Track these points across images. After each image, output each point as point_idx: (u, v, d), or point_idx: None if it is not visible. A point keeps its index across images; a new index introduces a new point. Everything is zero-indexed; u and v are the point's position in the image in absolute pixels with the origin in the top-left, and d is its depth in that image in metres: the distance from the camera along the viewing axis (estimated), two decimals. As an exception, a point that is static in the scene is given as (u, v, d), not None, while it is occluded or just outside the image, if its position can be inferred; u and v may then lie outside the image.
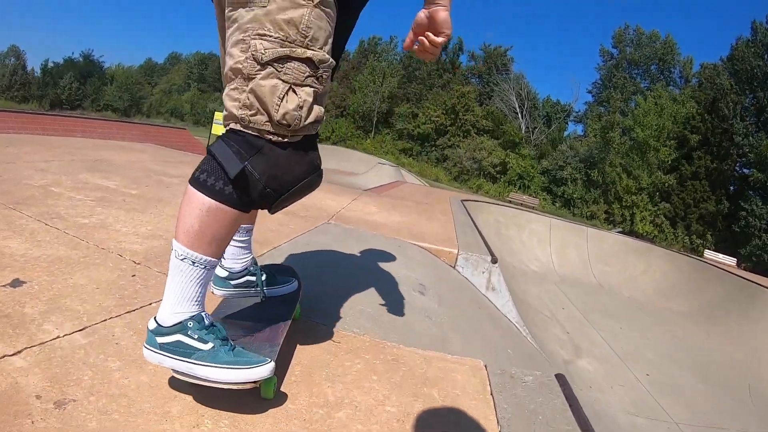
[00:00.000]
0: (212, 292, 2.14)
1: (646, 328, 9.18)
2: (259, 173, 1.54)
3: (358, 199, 7.60)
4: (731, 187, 43.76)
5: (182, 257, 1.55)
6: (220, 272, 2.16)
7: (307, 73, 1.53)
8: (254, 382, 1.61)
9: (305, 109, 1.54)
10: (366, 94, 63.19)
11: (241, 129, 1.54)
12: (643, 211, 43.25)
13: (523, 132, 59.56)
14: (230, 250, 2.15)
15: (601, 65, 63.02)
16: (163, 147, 10.14)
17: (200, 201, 1.53)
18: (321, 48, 1.55)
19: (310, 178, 1.66)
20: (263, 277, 2.21)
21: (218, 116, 25.79)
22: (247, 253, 2.20)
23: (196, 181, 1.55)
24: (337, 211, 5.68)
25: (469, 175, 53.30)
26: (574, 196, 47.86)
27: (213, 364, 1.57)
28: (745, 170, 43.98)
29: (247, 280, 2.19)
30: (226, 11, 1.56)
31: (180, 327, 1.58)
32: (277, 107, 1.49)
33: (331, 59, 1.59)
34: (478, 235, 6.05)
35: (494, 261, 4.50)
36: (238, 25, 1.51)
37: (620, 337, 8.19)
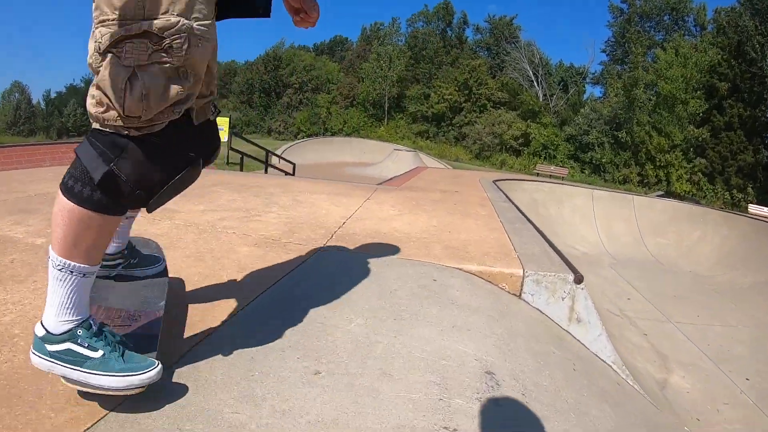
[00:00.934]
0: None
1: (722, 312, 8.09)
2: (125, 175, 1.45)
3: (371, 198, 6.45)
4: (769, 134, 41.76)
5: (59, 267, 1.50)
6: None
7: (151, 50, 1.36)
8: (144, 387, 1.56)
9: (153, 94, 1.37)
10: (374, 81, 62.28)
11: (99, 128, 1.45)
12: (678, 170, 41.45)
13: (541, 100, 58.07)
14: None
15: (612, 22, 61.43)
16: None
17: (70, 209, 1.46)
18: (165, 12, 1.36)
19: (181, 174, 1.56)
20: (134, 260, 2.20)
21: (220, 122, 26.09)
22: (122, 238, 2.13)
23: (64, 187, 1.48)
24: (341, 223, 4.56)
25: (490, 151, 51.82)
26: (603, 161, 45.94)
27: (105, 373, 1.54)
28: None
29: (117, 263, 2.15)
30: None
31: (69, 335, 1.54)
32: (121, 99, 1.36)
33: (182, 20, 1.37)
34: (541, 238, 4.72)
35: (579, 280, 3.35)
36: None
37: (701, 329, 7.07)
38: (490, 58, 64.90)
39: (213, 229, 4.00)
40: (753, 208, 29.73)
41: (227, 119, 29.37)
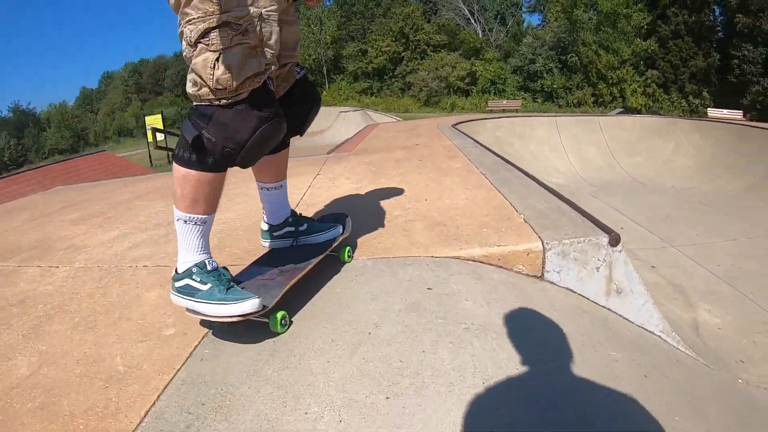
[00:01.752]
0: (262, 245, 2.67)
1: (718, 225, 7.58)
2: (214, 137, 1.85)
3: (322, 172, 5.50)
4: (718, 36, 41.75)
5: (177, 218, 2.00)
6: (263, 226, 2.63)
7: (231, 34, 1.76)
8: (241, 315, 1.92)
9: (235, 69, 1.76)
10: (308, 46, 60.60)
11: (196, 104, 1.88)
12: (632, 84, 41.39)
13: (481, 36, 57.16)
14: (267, 207, 2.58)
15: None
16: (66, 187, 7.96)
17: (177, 171, 1.94)
18: (238, 6, 1.76)
19: (261, 129, 1.88)
20: (303, 227, 2.59)
21: (149, 120, 28.18)
22: (283, 208, 2.60)
23: (175, 156, 1.97)
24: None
25: (439, 96, 50.91)
26: (554, 86, 45.50)
27: (208, 301, 1.96)
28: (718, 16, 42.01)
29: (287, 231, 2.60)
30: None
31: (187, 273, 2.02)
32: (211, 76, 1.76)
33: (252, 9, 1.79)
34: (542, 189, 3.86)
35: (615, 241, 2.58)
36: (178, 21, 1.82)
37: (705, 248, 6.52)
38: (422, 2, 63.48)
39: (119, 267, 3.11)
40: (712, 112, 29.85)
41: (159, 116, 28.18)
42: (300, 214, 2.66)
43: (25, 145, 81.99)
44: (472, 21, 59.57)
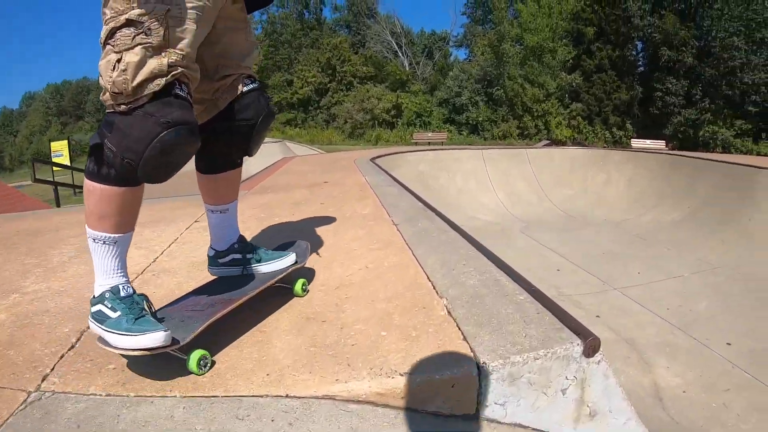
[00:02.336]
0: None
1: (661, 260, 7.19)
2: (115, 146, 1.62)
3: (201, 219, 4.13)
4: (641, 69, 43.06)
5: (88, 236, 1.78)
6: (210, 252, 2.37)
7: (134, 34, 1.59)
8: (144, 349, 1.65)
9: (130, 70, 1.58)
10: None
11: (106, 113, 1.69)
12: (556, 117, 41.92)
13: (408, 69, 57.38)
14: (213, 231, 2.35)
15: None
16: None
17: (85, 184, 1.75)
18: (146, 2, 1.58)
19: (160, 138, 1.62)
20: (251, 255, 2.33)
21: (55, 146, 26.01)
22: (229, 233, 2.35)
23: (85, 169, 1.77)
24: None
25: (363, 128, 50.24)
26: (480, 119, 45.60)
27: (114, 331, 1.69)
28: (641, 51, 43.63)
29: (233, 258, 2.33)
30: None
31: (100, 298, 1.78)
32: (110, 78, 1.59)
33: (156, 6, 1.60)
34: (474, 249, 2.91)
35: (592, 349, 1.64)
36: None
37: (649, 288, 6.01)
38: (351, 35, 63.76)
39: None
40: (636, 142, 30.53)
41: (65, 142, 26.45)
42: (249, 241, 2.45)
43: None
44: (400, 54, 60.04)
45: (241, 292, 2.10)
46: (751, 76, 34.94)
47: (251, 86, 2.10)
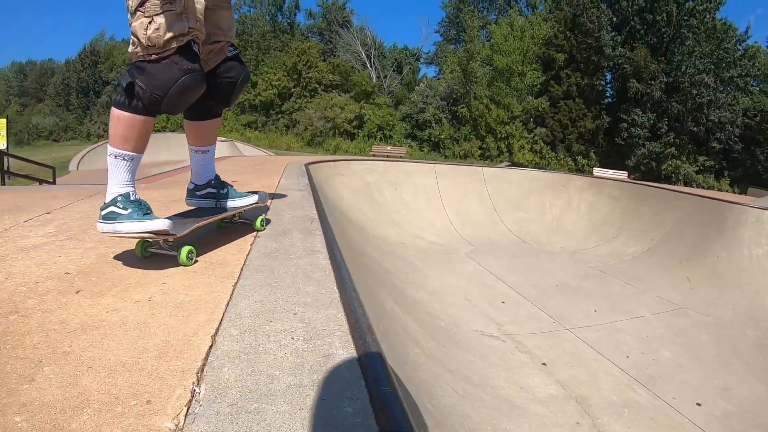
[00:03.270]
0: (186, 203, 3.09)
1: (621, 297, 6.48)
2: (144, 85, 2.33)
3: (59, 210, 3.66)
4: (608, 100, 43.35)
5: (109, 154, 2.43)
6: (189, 186, 3.11)
7: (161, 2, 2.29)
8: (153, 232, 2.36)
9: (162, 29, 2.29)
10: None
11: (133, 61, 2.39)
12: (520, 140, 41.63)
13: (374, 81, 56.88)
14: (194, 169, 3.09)
15: (446, 2, 62.34)
16: None
17: (113, 112, 2.39)
18: None
19: (182, 80, 2.37)
20: (224, 191, 3.09)
21: None
22: (208, 171, 3.09)
23: (112, 101, 2.40)
24: None
25: (323, 137, 49.35)
26: (442, 137, 45.05)
27: (127, 221, 2.36)
28: (609, 81, 43.98)
29: (209, 192, 3.08)
30: None
31: (112, 201, 2.40)
32: (144, 35, 2.29)
33: None
34: (337, 300, 2.10)
35: None
36: None
37: (607, 331, 5.25)
38: (323, 43, 63.25)
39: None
40: (598, 171, 30.49)
41: (3, 121, 24.80)
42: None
43: None
44: (368, 65, 59.74)
45: (215, 214, 2.90)
46: (717, 114, 35.47)
47: (234, 52, 2.89)
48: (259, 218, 3.21)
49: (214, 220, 2.80)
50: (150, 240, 2.46)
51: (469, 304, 5.66)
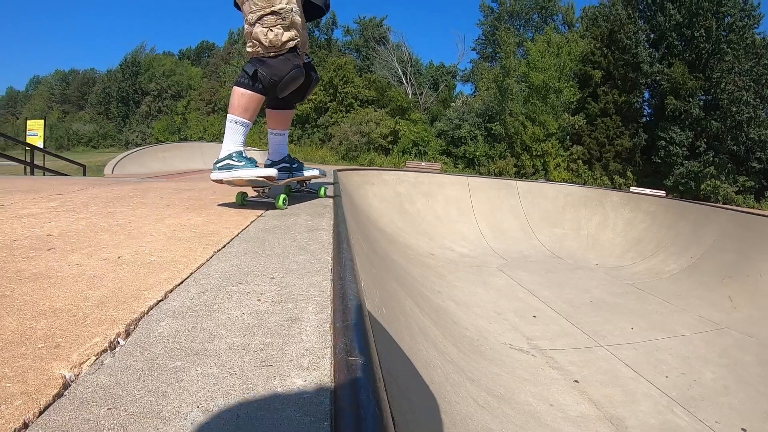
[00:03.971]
0: None
1: (659, 315, 6.16)
2: (266, 72, 3.25)
3: (71, 192, 3.81)
4: (645, 119, 42.47)
5: (230, 120, 3.28)
6: (267, 162, 3.95)
7: (276, 18, 3.20)
8: (265, 176, 3.24)
9: (279, 36, 3.21)
10: None
11: (254, 56, 3.28)
12: (556, 158, 41.05)
13: (410, 97, 56.83)
14: (272, 147, 4.01)
15: (482, 20, 62.43)
16: None
17: (237, 90, 3.27)
18: (279, 3, 3.20)
19: (292, 71, 3.33)
20: (295, 165, 4.03)
21: (31, 125, 25.24)
22: (282, 150, 3.99)
23: (236, 82, 3.29)
24: None
25: (358, 151, 49.38)
26: (477, 154, 44.68)
27: (242, 169, 3.21)
28: (647, 97, 43.24)
29: (283, 166, 3.92)
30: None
31: (228, 156, 3.26)
32: (266, 39, 3.20)
33: (288, 4, 3.23)
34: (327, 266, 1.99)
35: None
36: (243, 8, 3.28)
37: (645, 349, 4.94)
38: (359, 59, 63.81)
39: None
40: (635, 190, 29.74)
41: (41, 122, 25.36)
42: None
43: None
44: (404, 81, 59.69)
45: (296, 175, 3.99)
46: (757, 132, 34.42)
47: (309, 60, 3.76)
48: (323, 188, 4.31)
49: (301, 178, 4.06)
50: (256, 187, 3.48)
51: (498, 317, 5.40)
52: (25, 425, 0.85)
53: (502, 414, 2.80)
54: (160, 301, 1.48)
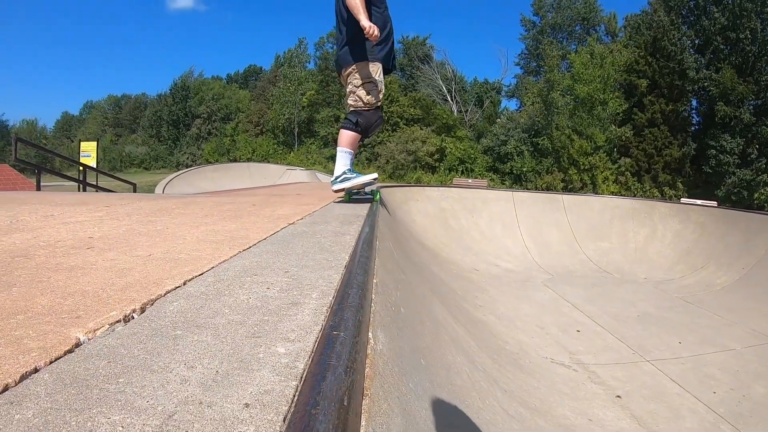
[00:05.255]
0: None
1: (710, 329, 5.94)
2: (362, 121, 4.78)
3: (112, 207, 3.75)
4: (694, 127, 41.42)
5: (341, 151, 4.79)
6: (333, 177, 5.12)
7: (370, 88, 4.72)
8: (373, 179, 4.95)
9: (372, 98, 4.73)
10: (283, 105, 61.52)
11: (355, 109, 4.80)
12: (604, 171, 40.28)
13: (455, 114, 56.72)
14: (349, 164, 4.97)
15: (524, 35, 62.01)
16: None
17: (345, 132, 4.80)
18: (377, 75, 4.74)
19: (377, 121, 4.91)
20: (353, 174, 4.95)
21: (83, 146, 25.83)
22: (351, 164, 4.95)
23: (343, 126, 4.85)
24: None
25: (405, 170, 49.33)
26: (524, 169, 44.29)
27: (357, 178, 4.78)
28: (695, 105, 42.18)
29: (344, 177, 4.94)
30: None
31: (344, 173, 4.78)
32: (366, 99, 4.72)
33: (377, 77, 4.74)
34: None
35: None
36: (348, 73, 4.84)
37: (693, 364, 4.78)
38: (404, 79, 63.88)
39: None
40: (685, 202, 29.04)
41: (94, 144, 26.19)
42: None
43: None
44: (449, 99, 59.69)
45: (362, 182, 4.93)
46: (812, 136, 33.20)
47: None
48: (378, 193, 5.91)
49: (353, 185, 4.89)
50: (362, 188, 5.20)
51: (540, 331, 5.31)
52: (36, 370, 0.98)
53: (535, 425, 2.74)
54: (177, 287, 1.59)
